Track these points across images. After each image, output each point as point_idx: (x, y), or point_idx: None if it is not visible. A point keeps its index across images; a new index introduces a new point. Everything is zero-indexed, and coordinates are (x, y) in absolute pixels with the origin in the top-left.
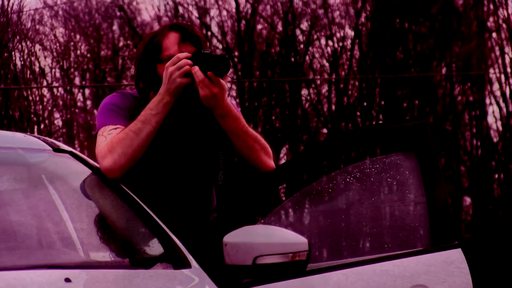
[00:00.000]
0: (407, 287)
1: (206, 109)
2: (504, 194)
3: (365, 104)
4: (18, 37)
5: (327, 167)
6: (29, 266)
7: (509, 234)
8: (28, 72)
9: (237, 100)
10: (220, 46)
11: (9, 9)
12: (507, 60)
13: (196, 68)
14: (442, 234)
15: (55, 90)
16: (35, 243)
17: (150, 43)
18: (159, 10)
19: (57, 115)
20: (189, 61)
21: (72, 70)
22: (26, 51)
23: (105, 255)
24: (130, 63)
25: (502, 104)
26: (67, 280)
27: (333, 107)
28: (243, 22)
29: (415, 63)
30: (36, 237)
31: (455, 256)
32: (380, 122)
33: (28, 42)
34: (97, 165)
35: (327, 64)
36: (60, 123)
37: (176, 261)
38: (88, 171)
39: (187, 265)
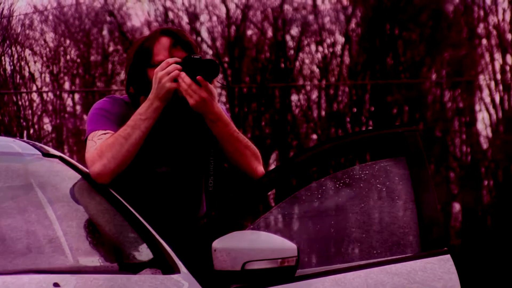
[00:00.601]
0: None
1: (197, 114)
2: (493, 201)
3: (355, 110)
4: (8, 42)
5: (316, 173)
6: (17, 271)
7: (498, 241)
8: (18, 77)
9: (227, 106)
10: (210, 52)
11: None
12: (497, 66)
13: (183, 74)
14: (431, 240)
15: (44, 95)
16: (24, 248)
17: (141, 48)
18: (149, 15)
19: (46, 120)
20: (179, 66)
21: (62, 75)
22: (16, 56)
23: (94, 260)
24: (120, 68)
25: (492, 111)
26: (56, 285)
27: (323, 113)
28: (233, 27)
29: (405, 69)
30: (25, 241)
31: (444, 262)
32: (370, 128)
33: (18, 47)
34: (87, 170)
35: (317, 70)
36: (50, 128)
37: (165, 267)
38: (77, 176)
39: (176, 271)
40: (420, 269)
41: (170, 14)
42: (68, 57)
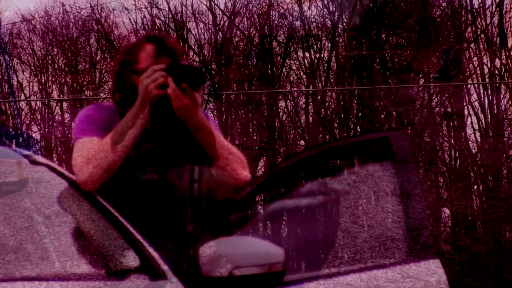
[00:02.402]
0: None
1: (181, 121)
2: (483, 206)
3: (342, 115)
4: None
5: (304, 178)
6: (4, 278)
7: (487, 245)
8: (6, 86)
9: (215, 113)
10: (197, 59)
11: None
12: (486, 70)
13: (169, 79)
14: (420, 246)
15: (33, 103)
16: (10, 255)
17: (126, 55)
18: (136, 23)
19: (35, 128)
20: (164, 73)
21: (50, 83)
22: (4, 65)
23: (81, 267)
24: (107, 76)
25: (481, 115)
26: None
27: (310, 118)
28: (220, 34)
29: (393, 74)
30: (12, 249)
31: (433, 268)
32: (358, 133)
33: (6, 56)
34: (74, 177)
35: (304, 76)
36: (38, 137)
37: (153, 273)
38: (64, 183)
39: (164, 277)
40: (401, 284)
41: (157, 22)
42: (55, 65)
